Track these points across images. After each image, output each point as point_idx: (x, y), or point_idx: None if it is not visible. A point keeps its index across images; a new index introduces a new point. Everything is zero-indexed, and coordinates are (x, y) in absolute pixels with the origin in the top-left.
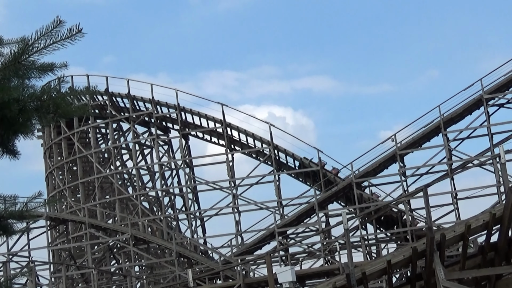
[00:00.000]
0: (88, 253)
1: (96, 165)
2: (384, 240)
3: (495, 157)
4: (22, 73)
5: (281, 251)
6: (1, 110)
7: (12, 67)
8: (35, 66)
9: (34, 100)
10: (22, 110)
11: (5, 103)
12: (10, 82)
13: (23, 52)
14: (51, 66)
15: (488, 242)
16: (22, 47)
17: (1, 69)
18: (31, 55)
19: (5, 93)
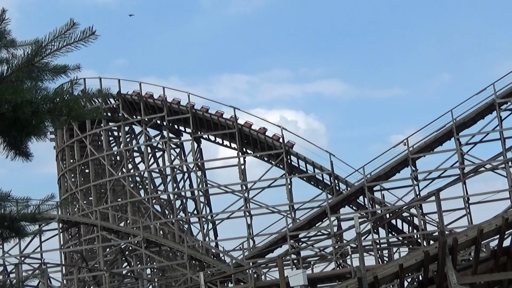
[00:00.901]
0: (100, 256)
1: (108, 167)
2: (396, 244)
3: (508, 161)
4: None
5: (292, 254)
6: (14, 112)
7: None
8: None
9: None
10: (35, 112)
11: (18, 105)
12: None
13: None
14: (64, 68)
15: (501, 246)
16: (35, 49)
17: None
18: (45, 57)
19: (18, 95)
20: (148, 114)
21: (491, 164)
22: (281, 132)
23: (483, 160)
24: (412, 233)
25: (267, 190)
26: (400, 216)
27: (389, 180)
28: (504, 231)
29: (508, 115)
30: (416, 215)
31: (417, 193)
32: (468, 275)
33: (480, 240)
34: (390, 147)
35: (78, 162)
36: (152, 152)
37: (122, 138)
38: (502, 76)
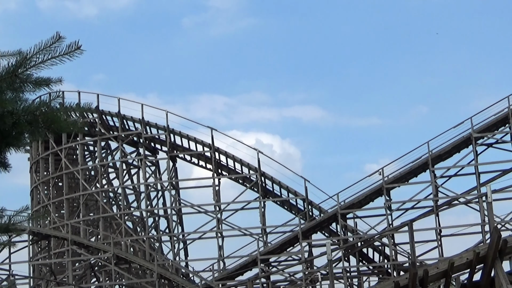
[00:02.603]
0: (69, 270)
1: (82, 182)
2: (366, 273)
3: (482, 196)
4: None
5: (262, 278)
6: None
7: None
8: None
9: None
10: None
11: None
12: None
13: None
14: (47, 81)
15: (471, 280)
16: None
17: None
18: (29, 68)
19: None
20: (125, 131)
21: (464, 198)
22: (257, 155)
23: (457, 193)
24: (383, 263)
25: (240, 212)
26: (371, 245)
27: (362, 209)
28: (475, 266)
29: (484, 150)
30: (387, 245)
31: (390, 223)
32: None
33: (450, 273)
34: (365, 176)
35: (52, 175)
36: (127, 168)
37: (97, 153)
38: (480, 111)
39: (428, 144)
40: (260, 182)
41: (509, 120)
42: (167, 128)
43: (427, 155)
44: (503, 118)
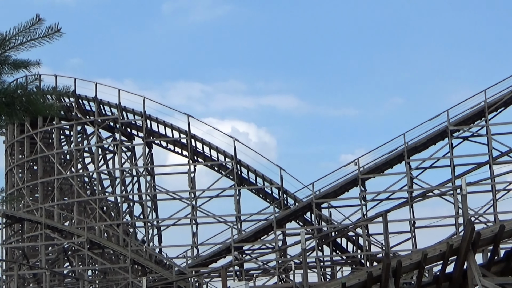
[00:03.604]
0: (42, 254)
1: (57, 166)
2: (340, 263)
3: (456, 188)
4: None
5: (236, 266)
6: None
7: None
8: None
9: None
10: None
11: None
12: None
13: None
14: (25, 63)
15: (444, 272)
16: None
17: None
18: (7, 50)
19: None
20: (101, 116)
21: (439, 190)
22: (233, 143)
23: (431, 185)
24: (356, 253)
25: (215, 199)
26: (345, 235)
27: (337, 198)
28: (448, 257)
29: (460, 143)
30: (361, 235)
31: (364, 213)
32: None
33: (423, 264)
34: (341, 166)
35: (27, 158)
36: (103, 153)
37: (73, 137)
38: (456, 104)
39: (404, 136)
40: (236, 170)
41: (485, 114)
42: (143, 114)
43: (403, 146)
44: (479, 112)
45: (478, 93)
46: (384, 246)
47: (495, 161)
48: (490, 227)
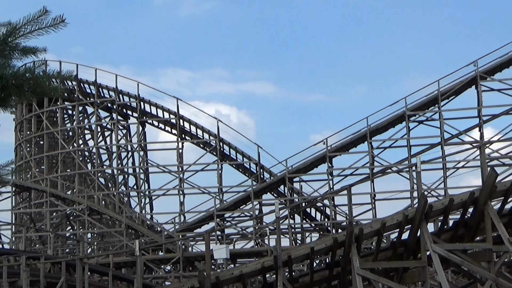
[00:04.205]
0: (47, 219)
1: (61, 141)
2: (309, 230)
3: (412, 166)
4: (7, 53)
5: (218, 231)
6: None
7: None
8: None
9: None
10: (4, 86)
11: None
12: None
13: (11, 34)
14: (33, 49)
15: (400, 239)
16: (10, 29)
17: None
18: (18, 38)
19: None
20: (100, 98)
21: (397, 167)
22: (216, 123)
23: (390, 163)
24: (324, 222)
25: (200, 173)
26: (314, 206)
27: (307, 173)
28: (404, 226)
29: (415, 126)
30: (328, 206)
31: (331, 187)
32: (369, 261)
33: (382, 232)
34: (311, 145)
35: (34, 134)
36: (101, 131)
37: (75, 116)
38: (413, 92)
39: (367, 119)
40: (218, 147)
41: (438, 101)
42: (137, 97)
43: (366, 128)
44: (433, 99)
45: (432, 82)
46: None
47: (446, 142)
48: (440, 200)
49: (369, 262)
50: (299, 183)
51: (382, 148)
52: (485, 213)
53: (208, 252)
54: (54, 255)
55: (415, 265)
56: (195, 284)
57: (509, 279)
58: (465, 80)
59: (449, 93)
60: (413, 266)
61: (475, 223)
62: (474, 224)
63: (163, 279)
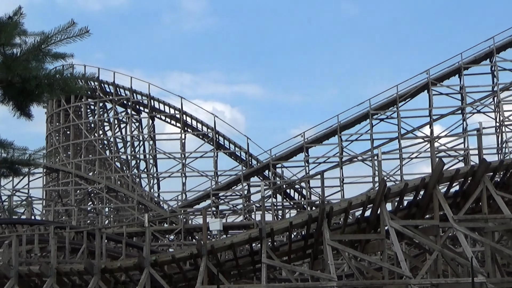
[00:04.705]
0: (72, 195)
1: (84, 131)
2: (288, 207)
3: (374, 156)
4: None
5: (213, 207)
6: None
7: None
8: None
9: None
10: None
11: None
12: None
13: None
14: (62, 55)
15: (363, 216)
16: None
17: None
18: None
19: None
20: (117, 96)
21: (362, 156)
22: (213, 118)
23: (356, 153)
24: (301, 201)
25: (199, 159)
26: (293, 187)
27: (288, 161)
28: (366, 205)
29: (378, 123)
30: (304, 188)
31: (307, 172)
32: (338, 234)
33: (349, 210)
34: (291, 137)
35: (62, 125)
36: (118, 123)
37: (96, 111)
38: (376, 95)
39: (338, 116)
40: (215, 138)
41: (397, 103)
42: (148, 95)
43: (336, 124)
44: (393, 101)
45: (392, 87)
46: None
47: (402, 137)
48: (397, 185)
49: (337, 234)
50: (281, 169)
51: (349, 140)
52: (434, 195)
53: (205, 224)
54: (77, 225)
55: (376, 237)
56: (194, 251)
57: (452, 250)
58: (419, 85)
59: (406, 96)
60: (373, 238)
61: (425, 203)
62: (424, 204)
63: (167, 246)
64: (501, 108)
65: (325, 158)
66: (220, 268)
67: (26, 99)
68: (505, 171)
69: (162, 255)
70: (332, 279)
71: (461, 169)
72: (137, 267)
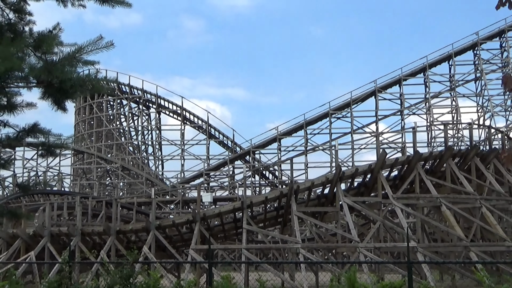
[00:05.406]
0: (94, 172)
1: (105, 122)
2: (264, 185)
3: (332, 146)
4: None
5: (205, 184)
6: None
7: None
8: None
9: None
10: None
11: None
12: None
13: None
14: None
15: (322, 193)
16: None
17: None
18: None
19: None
20: (132, 94)
21: (323, 147)
22: (207, 114)
23: (318, 144)
24: (274, 180)
25: (195, 146)
26: (268, 170)
27: (264, 149)
28: (325, 185)
29: (335, 121)
30: (277, 170)
31: (279, 158)
32: (303, 206)
33: (311, 188)
34: (267, 130)
35: (87, 117)
36: (131, 116)
37: (115, 106)
38: (334, 98)
39: (304, 115)
40: (208, 129)
41: (350, 105)
42: (156, 95)
43: (303, 120)
44: (347, 103)
45: (347, 93)
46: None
47: (354, 132)
48: (350, 169)
49: (302, 207)
50: (259, 155)
51: (313, 134)
52: (378, 178)
53: (198, 197)
54: (98, 196)
55: (332, 210)
56: (189, 218)
57: (391, 221)
58: (368, 92)
59: (357, 100)
60: (330, 211)
61: (371, 184)
62: (371, 185)
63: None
64: (431, 111)
65: (293, 147)
66: (210, 231)
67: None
68: (433, 161)
69: (164, 220)
70: (297, 242)
71: (399, 158)
72: (145, 229)
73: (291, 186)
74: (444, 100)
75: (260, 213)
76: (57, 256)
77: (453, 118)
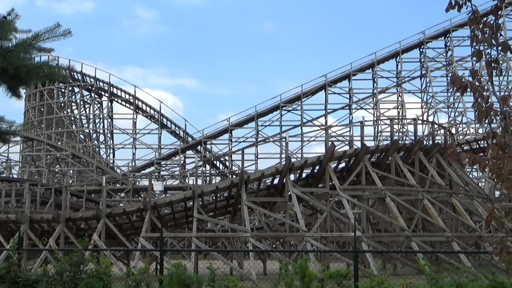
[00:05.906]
0: (43, 159)
1: (56, 109)
2: (215, 174)
3: (283, 138)
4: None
5: (156, 173)
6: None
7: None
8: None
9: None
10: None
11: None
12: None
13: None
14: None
15: (272, 183)
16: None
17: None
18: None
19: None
20: (84, 82)
21: (273, 138)
22: (159, 103)
23: (268, 135)
24: (225, 170)
25: (147, 135)
26: (219, 160)
27: (216, 139)
28: (275, 175)
29: (286, 113)
30: (228, 161)
31: (231, 148)
32: (253, 196)
33: (261, 178)
34: (219, 121)
35: (37, 103)
36: (83, 104)
37: (66, 93)
38: (284, 92)
39: (256, 107)
40: (160, 119)
41: (301, 98)
42: (109, 83)
43: (254, 112)
44: (298, 97)
45: (298, 86)
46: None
47: (304, 124)
48: (299, 161)
49: (252, 197)
50: (210, 145)
51: (264, 126)
52: (326, 170)
53: (150, 185)
54: (47, 183)
55: (281, 200)
56: (140, 206)
57: (337, 211)
58: (318, 86)
59: (308, 93)
60: (279, 201)
61: (319, 176)
62: (319, 176)
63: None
64: (378, 106)
65: (244, 138)
66: (160, 220)
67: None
68: (379, 154)
69: (115, 208)
70: (246, 230)
71: (347, 151)
72: (95, 217)
73: (241, 176)
74: (391, 95)
75: (210, 202)
76: (4, 243)
77: (398, 114)
